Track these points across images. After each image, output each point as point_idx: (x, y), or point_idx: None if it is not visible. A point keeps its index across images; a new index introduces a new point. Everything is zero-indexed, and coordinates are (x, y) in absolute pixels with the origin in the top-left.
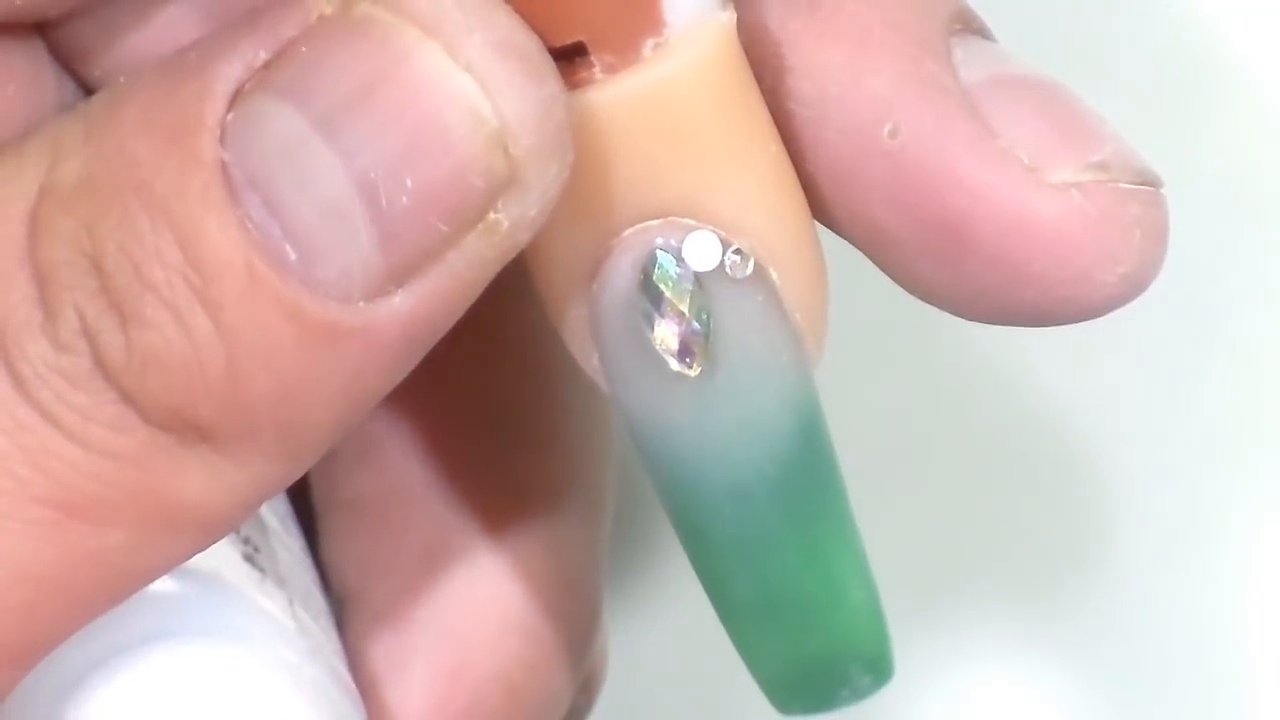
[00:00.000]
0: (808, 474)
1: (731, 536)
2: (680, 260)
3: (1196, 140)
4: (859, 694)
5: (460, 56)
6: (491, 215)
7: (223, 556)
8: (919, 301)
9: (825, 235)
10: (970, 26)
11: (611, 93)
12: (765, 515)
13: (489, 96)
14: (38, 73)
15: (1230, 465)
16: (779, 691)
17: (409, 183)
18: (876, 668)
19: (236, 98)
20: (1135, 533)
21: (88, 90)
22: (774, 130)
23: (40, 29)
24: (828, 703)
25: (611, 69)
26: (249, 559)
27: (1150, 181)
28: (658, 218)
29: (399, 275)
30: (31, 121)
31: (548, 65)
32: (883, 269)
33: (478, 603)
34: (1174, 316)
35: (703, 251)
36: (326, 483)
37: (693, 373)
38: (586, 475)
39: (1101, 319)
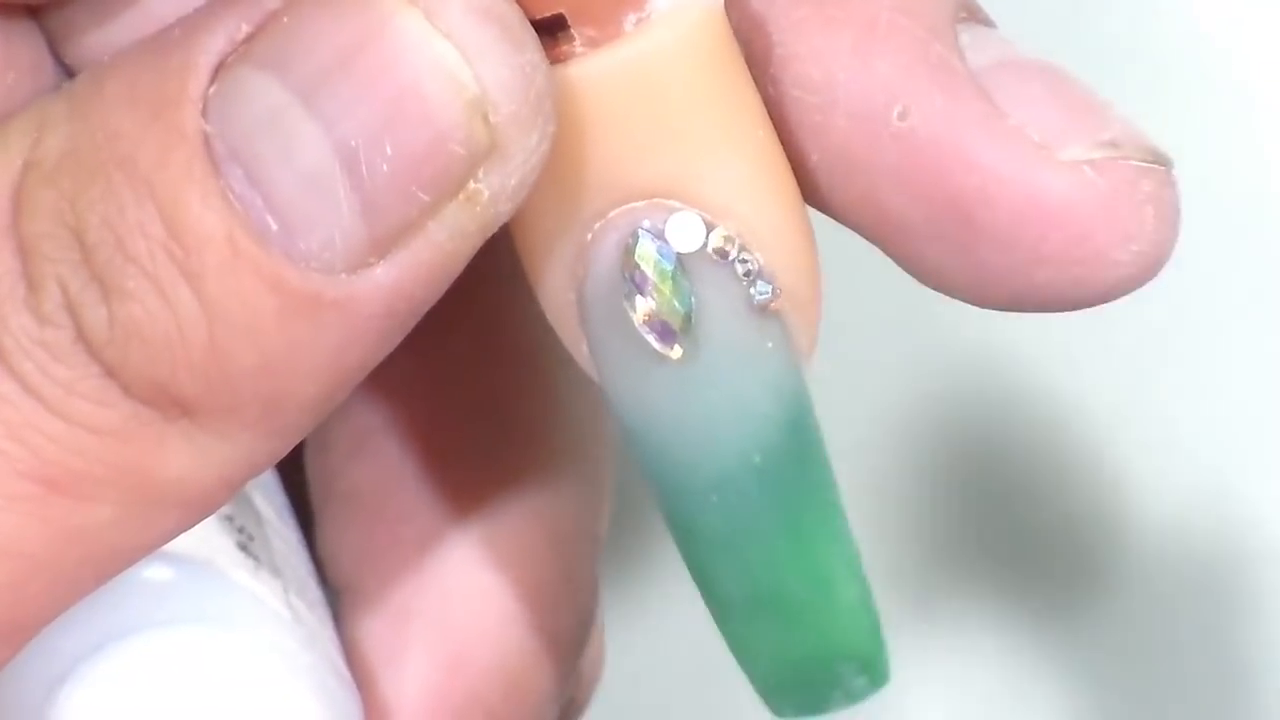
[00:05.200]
0: (795, 464)
1: (718, 528)
2: (663, 240)
3: (1192, 134)
4: (853, 697)
5: (440, 23)
6: (472, 184)
7: (216, 544)
8: (918, 298)
9: (822, 230)
10: (975, 16)
11: (592, 67)
12: (752, 506)
13: (469, 62)
14: (37, 61)
15: (1233, 463)
16: (771, 692)
17: (389, 150)
18: (871, 670)
19: (219, 70)
20: (1136, 530)
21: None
22: (764, 115)
23: (34, 12)
24: (821, 704)
25: (592, 43)
26: (243, 547)
27: (1161, 161)
28: (642, 198)
29: (381, 246)
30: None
31: (528, 33)
32: (893, 257)
33: (475, 593)
34: (1178, 313)
35: (686, 233)
36: (323, 474)
37: (675, 355)
38: (582, 466)
39: (1105, 316)
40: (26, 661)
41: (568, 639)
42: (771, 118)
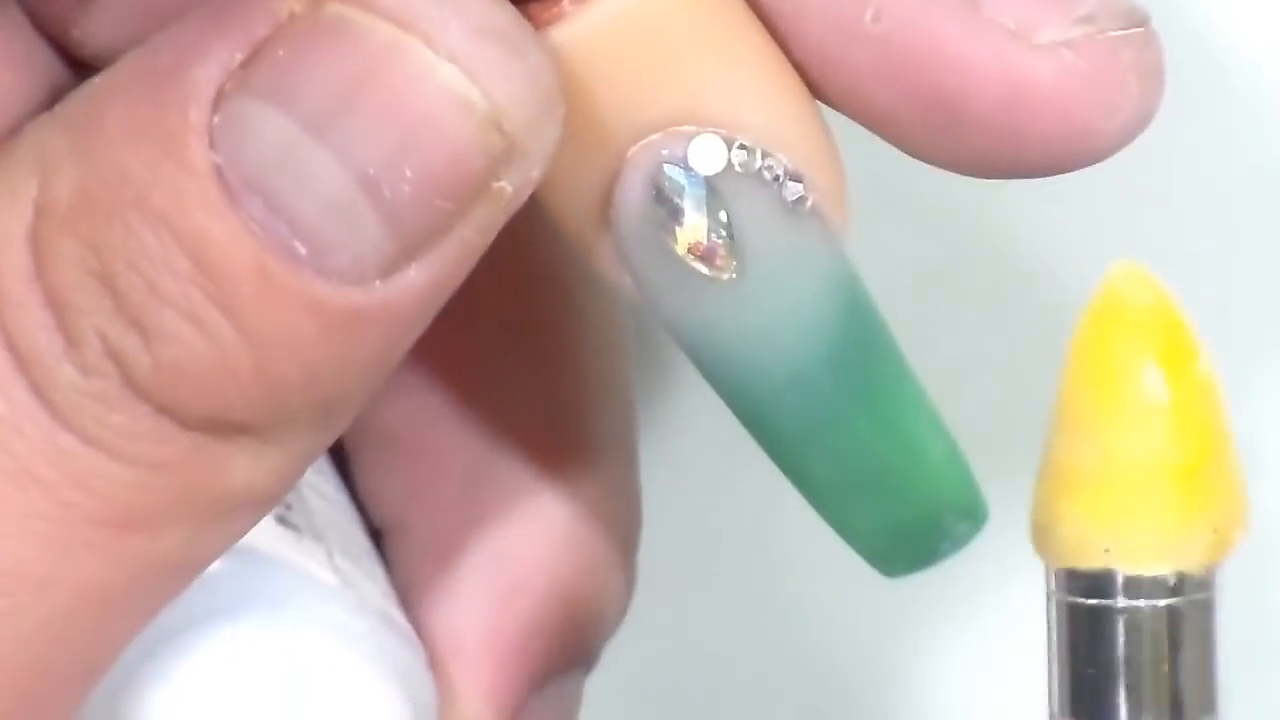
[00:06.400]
0: (859, 346)
1: (799, 423)
2: (688, 168)
3: (1206, 133)
4: (960, 542)
5: (441, 48)
6: (495, 185)
7: (257, 526)
8: (917, 277)
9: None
10: None
11: (586, 21)
12: (826, 395)
13: (476, 82)
14: (30, 51)
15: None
16: (881, 558)
17: (409, 173)
18: (970, 514)
19: (219, 99)
20: None
21: (73, 57)
22: (753, 17)
23: None
24: (931, 558)
25: None
26: (282, 520)
27: (1138, 22)
28: (657, 131)
29: (410, 253)
30: (30, 108)
31: (528, 36)
32: (881, 138)
33: (524, 521)
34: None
35: (708, 155)
36: (360, 417)
37: (726, 275)
38: (614, 381)
39: None
40: None
41: (620, 550)
42: None
